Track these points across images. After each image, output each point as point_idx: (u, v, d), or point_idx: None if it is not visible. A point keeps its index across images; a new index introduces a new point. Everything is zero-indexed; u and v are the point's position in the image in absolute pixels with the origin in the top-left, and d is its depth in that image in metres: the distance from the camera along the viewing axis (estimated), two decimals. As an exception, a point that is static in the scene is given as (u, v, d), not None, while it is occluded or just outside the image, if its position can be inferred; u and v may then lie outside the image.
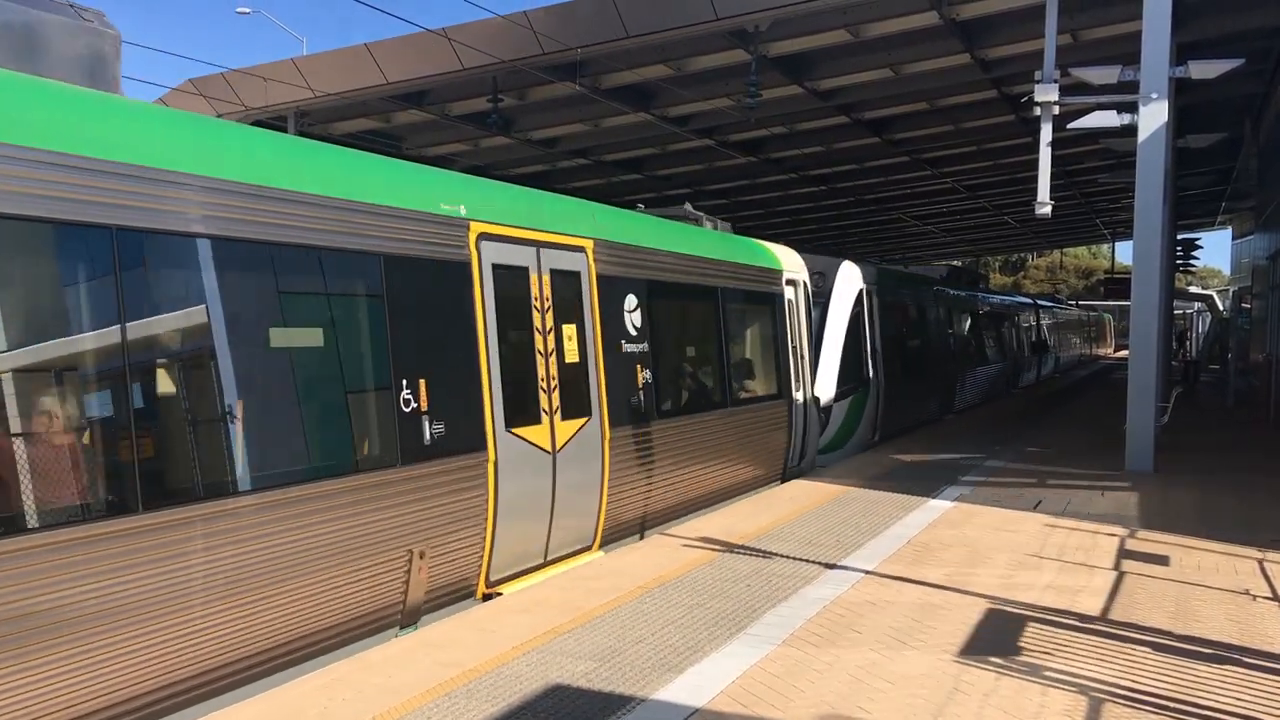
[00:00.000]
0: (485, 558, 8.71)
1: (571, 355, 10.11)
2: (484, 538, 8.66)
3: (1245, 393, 30.18)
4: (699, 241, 13.47)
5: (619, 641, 7.28)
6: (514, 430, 9.07)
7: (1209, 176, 34.62)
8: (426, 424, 8.03)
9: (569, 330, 10.13)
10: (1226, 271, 65.86)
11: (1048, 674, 6.56)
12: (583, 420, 10.15)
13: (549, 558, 9.71)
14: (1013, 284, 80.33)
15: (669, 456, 11.80)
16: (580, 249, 10.44)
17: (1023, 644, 7.18)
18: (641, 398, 11.29)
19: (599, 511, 10.44)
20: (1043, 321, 40.79)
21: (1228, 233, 48.86)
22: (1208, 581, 8.98)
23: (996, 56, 21.52)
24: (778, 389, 15.02)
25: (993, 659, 6.85)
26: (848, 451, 18.30)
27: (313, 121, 24.07)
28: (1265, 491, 13.77)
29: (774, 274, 15.30)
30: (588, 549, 10.36)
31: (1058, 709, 5.99)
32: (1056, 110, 15.83)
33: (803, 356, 15.93)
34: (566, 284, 10.14)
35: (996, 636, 7.36)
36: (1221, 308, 54.06)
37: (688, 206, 15.33)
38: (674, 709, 6.00)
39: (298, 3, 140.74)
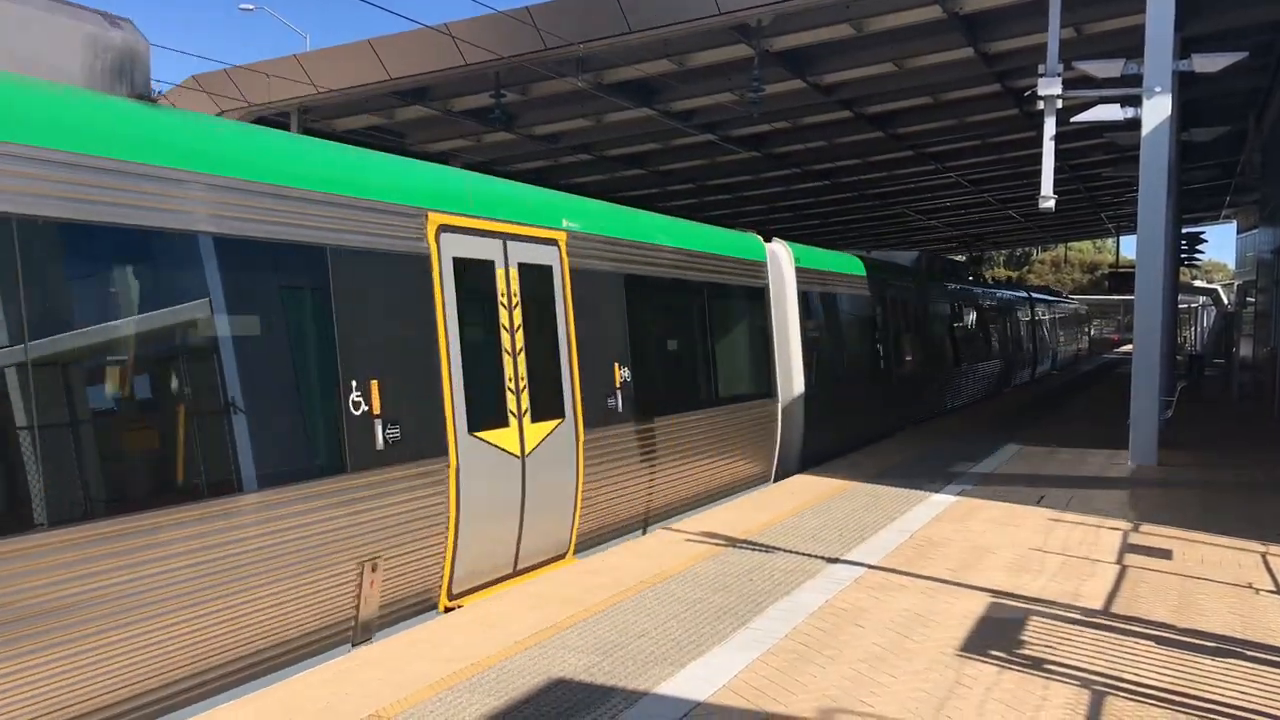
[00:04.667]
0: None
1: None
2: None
3: (1250, 386, 30.15)
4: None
5: (622, 635, 7.29)
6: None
7: (1213, 170, 34.50)
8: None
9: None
10: (1231, 265, 65.76)
11: (1050, 667, 6.57)
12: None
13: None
14: (1017, 278, 79.97)
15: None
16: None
17: (1025, 638, 7.18)
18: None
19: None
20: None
21: (1232, 227, 48.77)
22: (1211, 575, 8.97)
23: (1000, 50, 21.47)
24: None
25: (995, 653, 6.86)
26: None
27: (315, 118, 24.07)
28: (1268, 485, 13.76)
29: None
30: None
31: (1060, 702, 6.00)
32: (1060, 104, 15.81)
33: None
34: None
35: (999, 630, 7.36)
36: (1226, 302, 53.96)
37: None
38: (677, 702, 6.01)
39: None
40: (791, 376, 15.77)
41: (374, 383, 7.68)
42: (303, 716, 5.85)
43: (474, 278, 8.91)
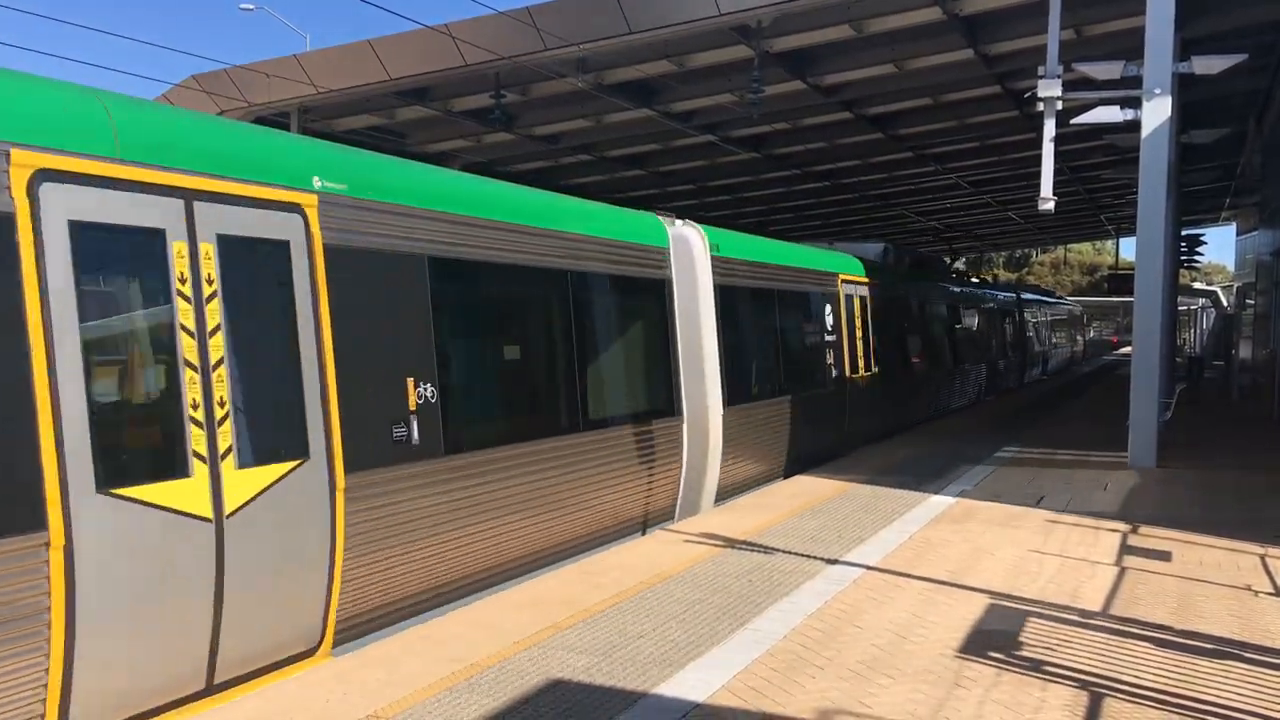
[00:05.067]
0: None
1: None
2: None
3: (1249, 388, 30.16)
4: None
5: (620, 636, 7.29)
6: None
7: (1213, 172, 34.51)
8: None
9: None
10: (1231, 267, 65.75)
11: (1049, 669, 6.57)
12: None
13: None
14: (1017, 279, 79.96)
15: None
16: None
17: (1024, 639, 7.19)
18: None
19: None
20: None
21: (1232, 228, 48.77)
22: (1209, 577, 8.97)
23: (1000, 52, 21.48)
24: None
25: (994, 654, 6.86)
26: None
27: (315, 118, 24.08)
28: (1268, 487, 13.76)
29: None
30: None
31: (1058, 704, 6.00)
32: (1060, 106, 15.81)
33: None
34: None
35: (998, 632, 7.36)
36: (1225, 304, 53.95)
37: None
38: (675, 703, 6.01)
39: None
40: (705, 390, 13.02)
41: None
42: (302, 716, 5.85)
43: (119, 252, 6.23)
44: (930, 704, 6.00)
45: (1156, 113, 15.19)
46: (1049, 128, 15.92)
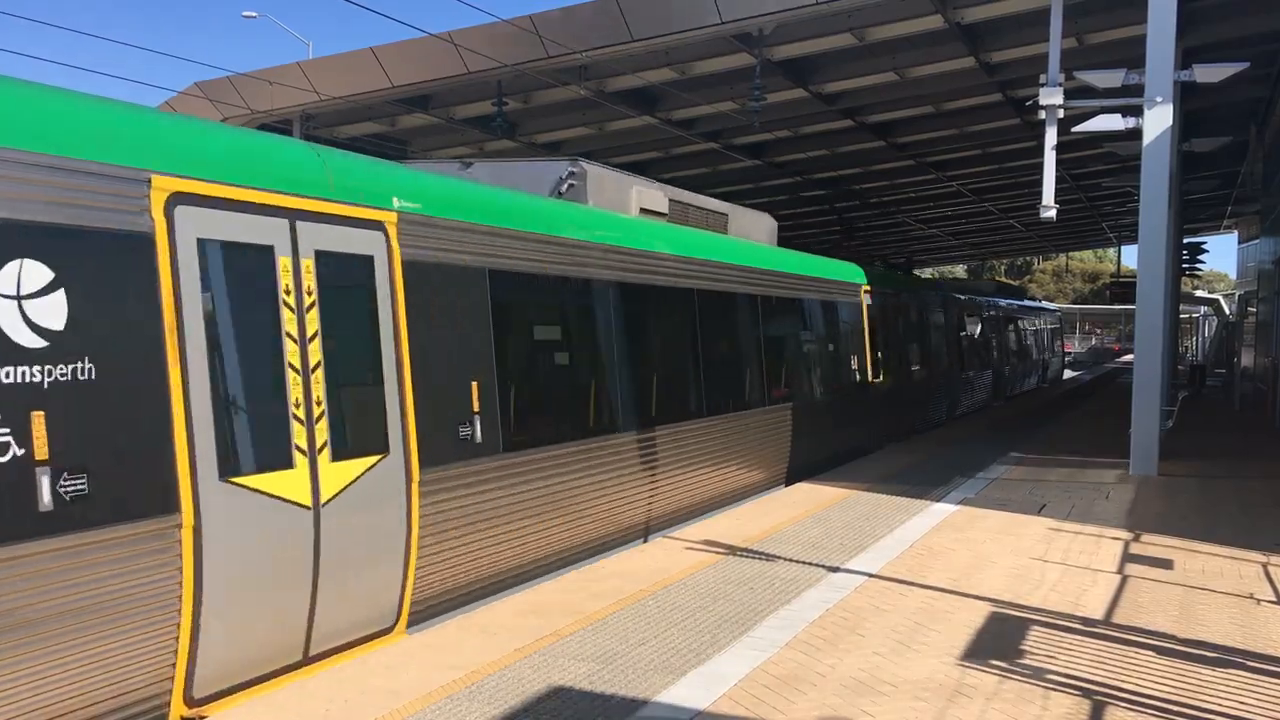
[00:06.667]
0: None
1: None
2: None
3: (1251, 396, 30.15)
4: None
5: (622, 644, 7.28)
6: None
7: (1215, 180, 34.56)
8: None
9: None
10: (1232, 275, 65.75)
11: (1051, 677, 6.56)
12: None
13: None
14: (1019, 286, 79.87)
15: None
16: None
17: (1026, 647, 7.17)
18: None
19: None
20: None
21: (1233, 237, 48.79)
22: (1211, 585, 8.96)
23: (1001, 60, 21.52)
24: None
25: (995, 662, 6.85)
26: None
27: (318, 125, 24.12)
28: (1269, 495, 13.74)
29: None
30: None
31: (1060, 712, 5.99)
32: (1061, 114, 15.83)
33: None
34: None
35: (999, 640, 7.35)
36: (1227, 312, 53.96)
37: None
38: (677, 711, 6.01)
39: (303, 7, 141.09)
40: None
41: None
42: (302, 724, 5.84)
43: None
44: (931, 712, 5.99)
45: (1158, 121, 15.19)
46: (1050, 136, 15.94)
